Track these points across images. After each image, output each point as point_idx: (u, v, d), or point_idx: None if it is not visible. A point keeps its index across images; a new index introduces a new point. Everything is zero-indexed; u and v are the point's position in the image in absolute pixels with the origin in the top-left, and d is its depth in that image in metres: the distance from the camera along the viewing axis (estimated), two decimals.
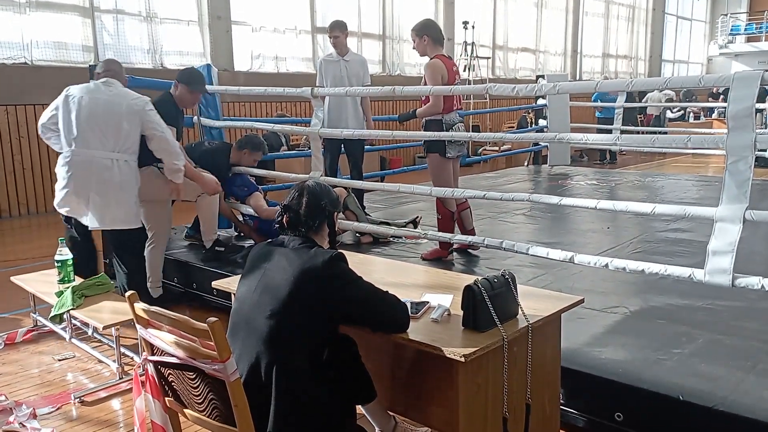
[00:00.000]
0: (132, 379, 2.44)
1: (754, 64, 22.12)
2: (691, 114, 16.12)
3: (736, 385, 2.38)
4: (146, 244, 4.10)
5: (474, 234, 4.27)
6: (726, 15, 23.66)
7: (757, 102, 2.68)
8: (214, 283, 2.85)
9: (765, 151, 6.86)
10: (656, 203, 3.06)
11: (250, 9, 10.66)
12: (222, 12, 10.19)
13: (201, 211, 4.37)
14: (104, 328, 3.24)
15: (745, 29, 23.35)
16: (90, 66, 5.21)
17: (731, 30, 23.48)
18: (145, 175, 3.88)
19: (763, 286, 2.54)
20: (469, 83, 11.66)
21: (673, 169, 11.33)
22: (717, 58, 23.92)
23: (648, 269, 2.92)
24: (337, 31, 5.39)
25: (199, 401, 1.85)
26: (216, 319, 1.66)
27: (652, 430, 2.38)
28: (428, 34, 4.19)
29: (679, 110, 15.83)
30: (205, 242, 4.45)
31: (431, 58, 4.15)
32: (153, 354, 1.93)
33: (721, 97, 15.43)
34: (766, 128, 8.28)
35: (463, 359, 1.84)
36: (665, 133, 12.12)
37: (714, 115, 15.59)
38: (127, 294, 1.95)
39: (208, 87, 5.32)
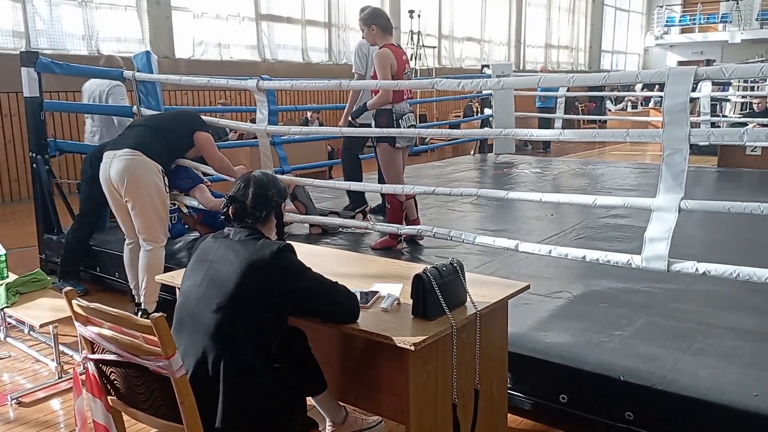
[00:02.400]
0: (72, 378, 2.35)
1: (688, 54, 23.07)
2: (629, 103, 16.66)
3: (674, 364, 2.49)
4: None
5: (419, 224, 4.29)
6: (661, 7, 24.52)
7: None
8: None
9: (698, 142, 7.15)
10: (597, 191, 3.16)
11: None
12: None
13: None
14: (41, 326, 3.11)
15: (680, 21, 24.27)
16: (21, 53, 4.96)
17: (666, 21, 24.36)
18: None
19: (696, 270, 2.65)
20: (416, 72, 11.70)
21: (612, 156, 11.70)
22: (653, 48, 24.79)
23: (589, 257, 3.01)
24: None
25: (144, 399, 1.80)
26: (160, 314, 1.62)
27: (595, 410, 2.46)
28: (376, 23, 4.16)
29: (620, 102, 16.34)
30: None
31: (380, 47, 4.13)
32: (93, 352, 1.86)
33: (657, 87, 16.00)
34: (699, 117, 8.62)
35: (413, 348, 1.85)
36: (605, 122, 12.51)
37: (650, 104, 16.15)
38: (65, 290, 1.88)
39: (146, 75, 5.15)
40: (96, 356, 1.85)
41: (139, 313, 3.68)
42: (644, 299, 3.24)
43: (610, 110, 16.25)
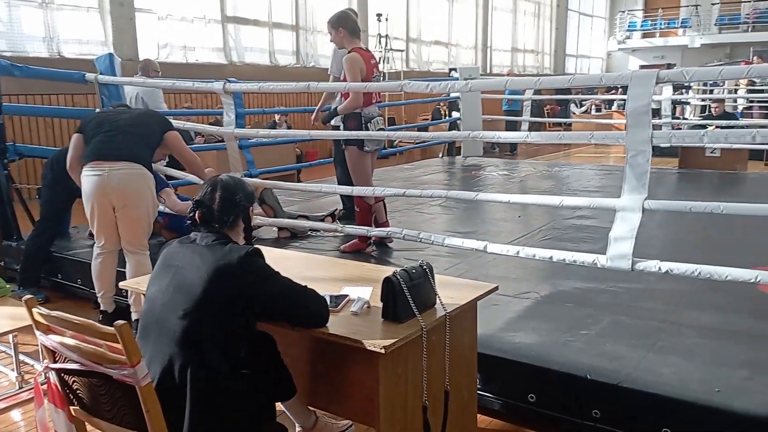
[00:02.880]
0: (33, 388, 2.28)
1: (649, 58, 23.59)
2: (593, 106, 16.98)
3: (638, 362, 2.54)
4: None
5: (388, 226, 4.30)
6: (624, 12, 25.04)
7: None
8: (122, 284, 2.73)
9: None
10: (563, 193, 3.21)
11: None
12: None
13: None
14: (0, 335, 3.02)
15: (641, 25, 24.84)
16: None
17: (628, 26, 24.90)
18: None
19: (659, 269, 2.71)
20: (384, 76, 11.72)
21: (577, 159, 11.90)
22: (616, 52, 25.30)
23: (555, 257, 3.06)
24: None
25: (108, 408, 1.76)
26: (124, 321, 1.58)
27: (563, 409, 2.50)
28: (344, 27, 4.15)
29: (583, 105, 16.65)
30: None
31: (349, 51, 4.12)
32: (55, 361, 1.81)
33: (620, 89, 16.35)
34: (661, 119, 8.83)
35: (383, 351, 1.85)
36: (570, 124, 12.74)
37: (613, 107, 16.49)
38: (25, 298, 1.82)
39: (109, 78, 5.05)
40: (58, 365, 1.80)
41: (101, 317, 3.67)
42: (609, 299, 3.30)
43: (574, 113, 16.55)
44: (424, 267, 2.15)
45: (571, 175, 8.14)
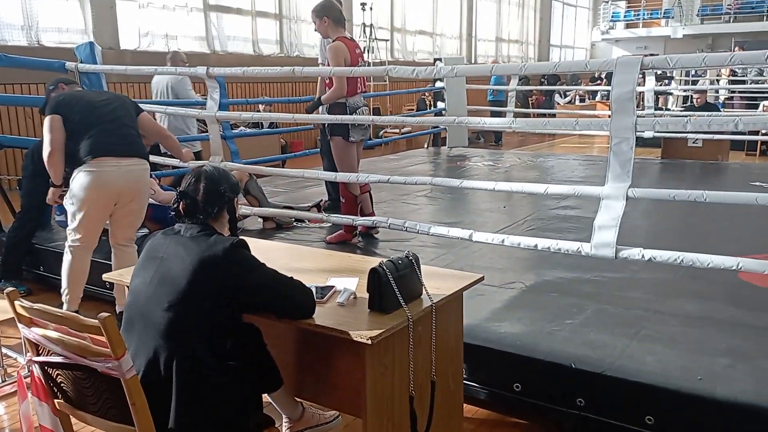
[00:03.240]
0: (16, 381, 2.26)
1: (632, 49, 23.74)
2: (577, 96, 17.06)
3: (622, 351, 2.56)
4: None
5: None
6: (607, 2, 25.15)
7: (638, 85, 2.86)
8: (105, 276, 2.70)
9: (644, 132, 7.39)
10: (548, 182, 3.22)
11: None
12: None
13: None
14: None
15: (625, 16, 24.97)
16: None
17: (612, 17, 25.02)
18: None
19: (643, 256, 2.74)
20: (369, 65, 11.67)
21: (561, 149, 11.97)
22: (600, 43, 25.43)
23: (540, 245, 3.08)
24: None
25: (93, 401, 1.75)
26: (108, 314, 1.57)
27: (548, 398, 2.52)
28: (328, 15, 4.12)
29: (567, 95, 16.72)
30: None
31: (333, 40, 4.09)
32: (38, 354, 1.79)
33: (604, 81, 16.44)
34: (644, 110, 8.90)
35: (370, 342, 1.85)
36: (554, 115, 12.79)
37: (597, 98, 16.59)
38: (6, 291, 1.80)
39: (91, 66, 4.98)
40: (41, 358, 1.78)
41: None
42: (593, 288, 3.33)
43: (558, 103, 16.61)
44: (411, 258, 2.15)
45: (556, 165, 8.19)
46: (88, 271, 3.52)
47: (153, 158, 4.67)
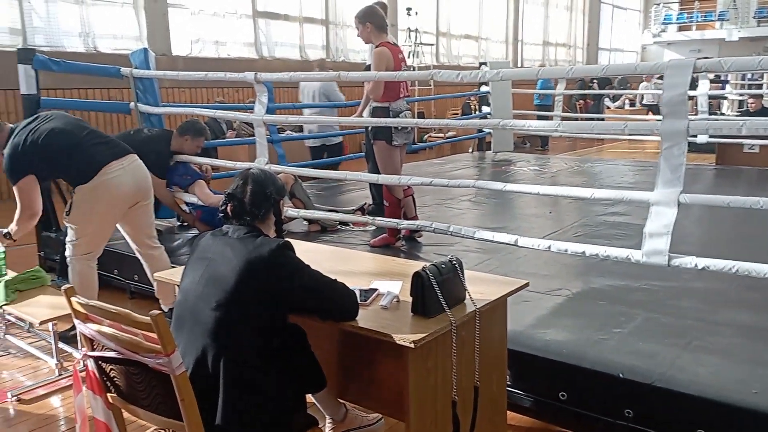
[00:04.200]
0: (72, 375, 2.35)
1: (685, 52, 23.03)
2: (627, 101, 16.67)
3: (673, 361, 2.49)
4: None
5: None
6: (659, 4, 24.49)
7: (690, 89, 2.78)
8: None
9: (696, 136, 7.17)
10: (596, 187, 3.16)
11: None
12: None
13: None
14: (41, 323, 3.11)
15: (677, 18, 24.26)
16: (18, 50, 4.94)
17: (664, 19, 24.35)
18: None
19: (696, 265, 2.66)
20: (413, 70, 11.69)
21: (610, 154, 11.72)
22: (651, 46, 24.78)
23: (588, 251, 3.02)
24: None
25: (144, 396, 1.80)
26: (159, 311, 1.61)
27: (594, 408, 2.47)
28: (371, 21, 4.15)
29: (617, 99, 16.35)
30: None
31: (376, 46, 4.12)
32: (93, 349, 1.86)
33: (653, 86, 16.00)
34: (697, 114, 8.64)
35: (413, 345, 1.85)
36: (602, 119, 12.53)
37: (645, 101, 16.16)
38: (64, 288, 1.87)
39: (145, 72, 5.14)
40: (96, 353, 1.84)
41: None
42: (643, 297, 3.25)
43: (608, 107, 16.26)
44: (454, 262, 2.14)
45: (604, 170, 8.02)
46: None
47: (202, 159, 4.80)
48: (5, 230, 3.38)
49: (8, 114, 8.22)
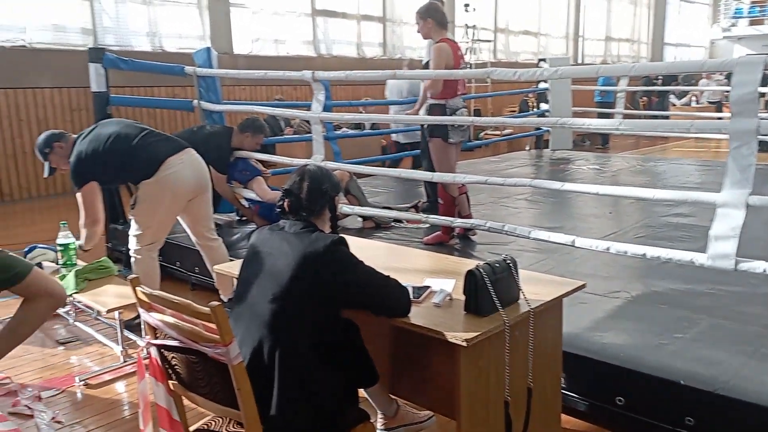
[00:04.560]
0: (136, 362, 2.45)
1: (757, 47, 21.95)
2: (694, 98, 16.03)
3: (738, 369, 2.39)
4: None
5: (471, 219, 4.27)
6: None
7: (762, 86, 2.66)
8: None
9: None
10: (658, 188, 3.06)
11: None
12: None
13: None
14: (107, 311, 3.25)
15: (749, 12, 23.14)
16: (89, 49, 5.17)
17: (734, 13, 23.26)
18: None
19: (765, 270, 2.54)
20: (471, 67, 11.58)
21: (675, 153, 11.30)
22: (720, 41, 23.73)
23: (650, 254, 2.93)
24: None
25: (203, 384, 1.86)
26: (218, 303, 1.66)
27: (653, 414, 2.39)
28: (432, 17, 4.15)
29: (683, 96, 15.75)
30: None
31: (436, 42, 4.11)
32: (156, 337, 1.93)
33: (723, 81, 15.33)
34: None
35: (465, 344, 1.84)
36: (667, 117, 12.09)
37: (707, 99, 15.50)
38: (130, 278, 1.95)
39: (207, 70, 5.29)
40: (158, 341, 1.91)
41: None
42: (707, 301, 3.13)
43: (674, 105, 15.69)
44: (508, 261, 2.11)
45: (668, 170, 7.75)
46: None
47: (260, 156, 4.91)
48: (79, 242, 3.59)
49: (80, 111, 8.63)
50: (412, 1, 11.24)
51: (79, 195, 3.46)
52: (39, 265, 3.76)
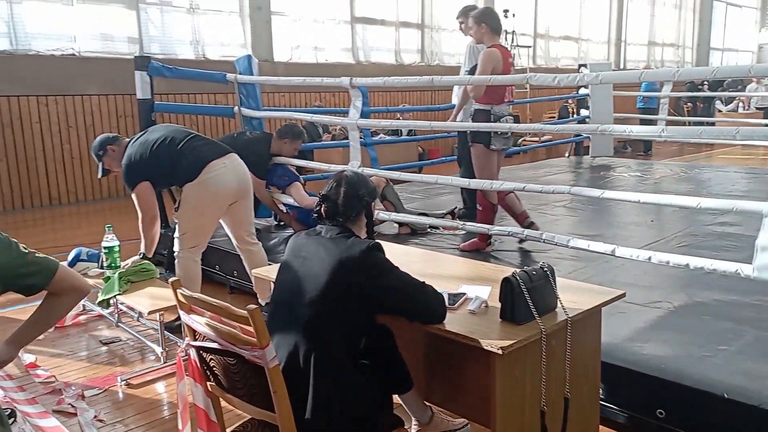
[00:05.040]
0: (175, 363, 2.50)
1: None
2: (741, 104, 15.57)
3: None
4: None
5: (527, 216, 4.23)
6: None
7: None
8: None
9: None
10: (702, 196, 2.98)
11: None
12: (262, 3, 10.28)
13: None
14: (149, 313, 3.33)
15: None
16: (135, 57, 5.32)
17: None
18: None
19: None
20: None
21: (720, 160, 10.99)
22: None
23: (693, 264, 2.86)
24: (463, 17, 5.18)
25: (240, 386, 1.89)
26: (256, 306, 1.69)
27: (694, 428, 2.33)
28: (487, 23, 4.12)
29: (730, 102, 15.32)
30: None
31: (488, 47, 4.09)
32: (195, 339, 1.97)
33: None
34: None
35: (500, 351, 1.82)
36: (713, 123, 11.77)
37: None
38: (171, 281, 2.00)
39: (248, 77, 5.39)
40: (197, 343, 1.95)
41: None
42: (752, 313, 3.03)
43: (720, 111, 15.27)
44: (545, 269, 2.09)
45: (713, 177, 7.54)
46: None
47: (298, 162, 4.96)
48: (141, 252, 3.71)
49: (125, 117, 8.87)
50: (450, 8, 11.23)
51: (134, 195, 3.58)
52: (84, 274, 3.91)
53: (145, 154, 3.54)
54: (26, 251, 1.67)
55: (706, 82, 14.45)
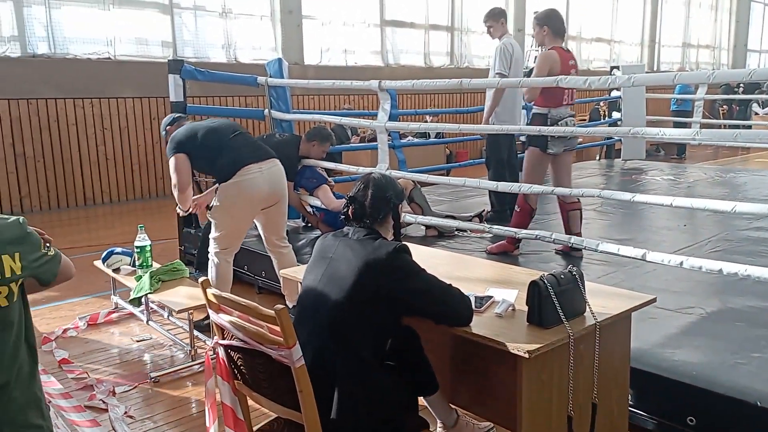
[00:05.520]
0: (204, 361, 2.54)
1: None
2: None
3: None
4: None
5: (580, 236, 4.12)
6: None
7: None
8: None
9: None
10: (737, 200, 2.92)
11: (320, 3, 10.80)
12: (293, 6, 10.38)
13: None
14: (178, 311, 3.39)
15: None
16: (168, 61, 5.42)
17: None
18: None
19: None
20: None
21: (756, 164, 10.73)
22: None
23: (726, 269, 2.80)
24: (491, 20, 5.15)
25: (266, 385, 1.91)
26: (283, 306, 1.71)
27: None
28: (549, 25, 4.05)
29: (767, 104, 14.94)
30: None
31: (548, 49, 4.04)
32: (223, 338, 2.00)
33: None
34: None
35: (527, 355, 1.81)
36: (749, 126, 11.49)
37: None
38: (200, 280, 2.03)
39: (278, 80, 5.44)
40: (226, 342, 1.98)
41: None
42: None
43: (756, 114, 14.90)
44: (574, 273, 2.07)
45: (749, 181, 7.37)
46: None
47: (326, 164, 5.00)
48: (177, 209, 3.82)
49: (159, 119, 9.02)
50: (479, 11, 11.19)
51: (171, 161, 3.63)
52: (117, 270, 4.00)
53: (195, 136, 3.62)
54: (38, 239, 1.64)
55: (741, 85, 14.12)
